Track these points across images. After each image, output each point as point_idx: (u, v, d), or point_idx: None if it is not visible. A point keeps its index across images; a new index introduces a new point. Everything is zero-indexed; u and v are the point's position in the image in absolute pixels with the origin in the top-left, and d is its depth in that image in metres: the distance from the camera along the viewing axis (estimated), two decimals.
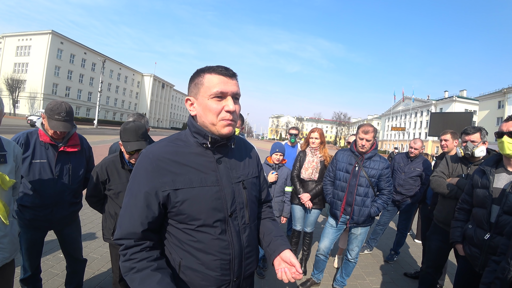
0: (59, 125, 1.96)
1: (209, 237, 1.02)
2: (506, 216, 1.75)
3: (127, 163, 2.10)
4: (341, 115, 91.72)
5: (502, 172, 1.90)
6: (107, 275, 2.90)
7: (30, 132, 2.04)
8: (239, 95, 1.06)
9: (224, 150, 1.11)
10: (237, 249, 1.07)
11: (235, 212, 1.08)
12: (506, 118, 1.89)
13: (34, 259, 2.16)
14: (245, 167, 1.18)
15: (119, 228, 1.00)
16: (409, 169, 4.05)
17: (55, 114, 1.95)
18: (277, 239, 1.19)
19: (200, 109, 1.04)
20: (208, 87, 1.00)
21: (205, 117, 1.03)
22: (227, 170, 1.09)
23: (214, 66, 1.04)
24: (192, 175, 1.02)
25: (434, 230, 2.78)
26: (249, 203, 1.14)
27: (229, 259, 1.05)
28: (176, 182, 0.99)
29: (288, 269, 1.08)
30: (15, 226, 1.59)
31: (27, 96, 43.65)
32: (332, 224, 2.98)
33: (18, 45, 46.10)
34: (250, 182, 1.18)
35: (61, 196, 2.10)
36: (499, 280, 1.28)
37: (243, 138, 1.30)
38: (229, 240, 1.05)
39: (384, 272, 3.74)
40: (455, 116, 7.25)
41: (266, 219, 1.30)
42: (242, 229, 1.10)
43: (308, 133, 3.49)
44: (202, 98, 1.02)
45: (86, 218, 4.39)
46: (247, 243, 1.12)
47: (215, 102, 1.00)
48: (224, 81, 1.01)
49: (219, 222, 1.03)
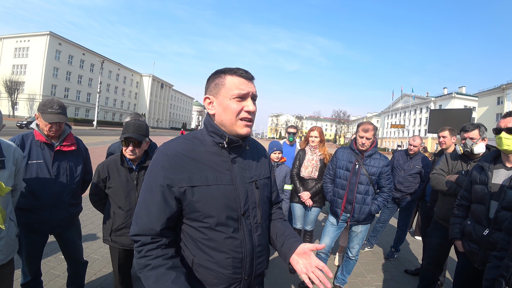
0: (54, 117, 1.98)
1: (222, 236, 1.04)
2: (504, 211, 1.76)
3: (127, 161, 2.13)
4: (340, 113, 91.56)
5: (500, 168, 1.91)
6: (109, 276, 2.91)
7: (25, 134, 2.04)
8: (257, 96, 1.11)
9: (239, 151, 1.14)
10: (249, 247, 1.09)
11: (248, 211, 1.10)
12: (504, 114, 1.89)
13: (34, 264, 2.14)
14: (258, 168, 1.21)
15: (135, 225, 1.01)
16: (409, 167, 4.05)
17: (48, 107, 1.98)
18: (290, 237, 1.20)
19: (220, 108, 1.06)
20: (230, 88, 1.04)
21: (225, 116, 1.05)
22: (241, 170, 1.12)
23: (234, 68, 1.08)
24: (208, 173, 1.04)
25: (434, 226, 2.79)
26: (261, 203, 1.16)
27: (241, 258, 1.07)
28: (192, 179, 1.02)
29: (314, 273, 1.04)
30: (12, 228, 1.58)
31: (26, 98, 43.59)
32: (332, 222, 2.99)
33: (16, 46, 46.04)
34: (262, 182, 1.20)
35: (60, 196, 2.08)
36: (503, 278, 1.28)
37: (255, 140, 1.33)
38: (242, 239, 1.07)
39: (385, 269, 3.76)
40: (455, 112, 7.22)
41: (277, 220, 1.31)
42: (254, 228, 1.12)
43: (307, 131, 3.50)
44: (223, 98, 1.05)
45: (86, 219, 4.40)
46: (259, 242, 1.13)
47: (235, 103, 1.04)
48: (244, 82, 1.05)
49: (232, 221, 1.05)
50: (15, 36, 46.36)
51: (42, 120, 1.99)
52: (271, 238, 1.27)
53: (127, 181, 2.13)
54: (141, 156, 2.17)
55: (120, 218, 2.14)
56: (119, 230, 2.15)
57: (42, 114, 1.97)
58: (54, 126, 2.02)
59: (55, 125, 2.02)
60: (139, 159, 2.18)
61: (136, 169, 2.16)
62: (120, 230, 2.15)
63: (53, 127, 2.02)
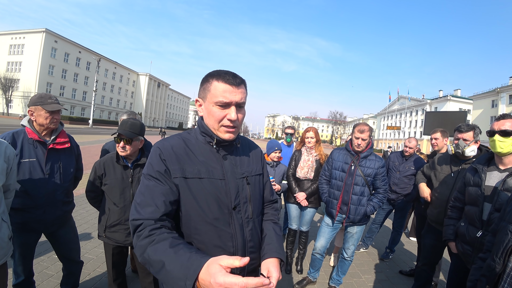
0: (56, 106, 2.01)
1: (213, 229, 1.05)
2: (498, 213, 1.77)
3: (122, 158, 2.15)
4: (337, 114, 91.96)
5: (493, 170, 1.93)
6: (103, 276, 2.89)
7: (16, 131, 1.98)
8: (244, 103, 1.10)
9: (230, 149, 1.17)
10: (240, 242, 1.10)
11: (239, 206, 1.11)
12: (498, 117, 1.92)
13: (27, 263, 2.11)
14: (249, 165, 1.23)
15: (136, 213, 0.98)
16: (404, 168, 4.08)
17: (47, 98, 2.01)
18: (270, 243, 1.19)
19: (206, 112, 1.10)
20: (214, 94, 1.04)
21: (209, 120, 1.09)
22: (232, 166, 1.14)
23: (223, 72, 1.06)
24: (201, 167, 1.07)
25: (428, 228, 2.82)
26: (253, 199, 1.18)
27: (232, 251, 1.07)
28: (185, 171, 1.05)
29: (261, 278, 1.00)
30: (4, 229, 1.54)
31: (21, 96, 43.06)
32: (328, 223, 3.00)
33: (11, 43, 45.47)
34: (254, 178, 1.22)
35: (53, 195, 2.05)
36: (485, 277, 1.29)
37: (248, 139, 1.34)
38: (233, 233, 1.08)
39: (380, 270, 3.78)
40: (450, 115, 7.29)
41: (268, 221, 1.31)
42: (245, 222, 1.13)
43: (303, 132, 3.52)
44: (207, 103, 1.07)
45: (81, 218, 4.36)
46: (250, 237, 1.14)
47: (218, 110, 1.05)
48: (229, 90, 1.03)
49: (223, 215, 1.07)
50: (10, 33, 45.79)
51: (42, 113, 1.96)
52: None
53: (122, 178, 2.15)
54: (136, 154, 2.19)
55: (114, 214, 2.15)
56: (113, 227, 2.16)
57: (43, 105, 1.95)
58: (55, 116, 2.02)
59: (57, 114, 2.02)
60: (134, 157, 2.18)
61: (132, 167, 2.17)
62: (114, 227, 2.16)
63: (54, 117, 2.01)
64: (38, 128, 2.02)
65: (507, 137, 1.80)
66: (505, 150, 1.82)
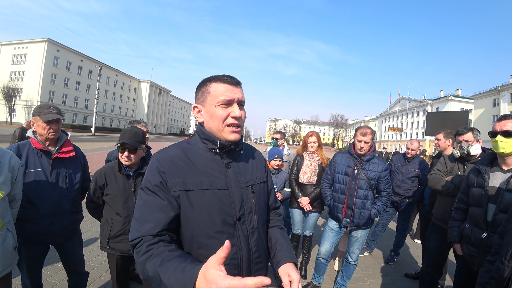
0: (53, 115, 1.98)
1: (217, 242, 1.00)
2: (502, 214, 1.77)
3: (124, 167, 2.13)
4: (338, 117, 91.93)
5: (497, 171, 1.93)
6: (107, 285, 2.88)
7: (21, 143, 2.00)
8: (244, 101, 1.11)
9: (233, 156, 1.14)
10: (245, 253, 1.07)
11: (244, 216, 1.08)
12: (499, 118, 1.92)
13: (35, 276, 2.09)
14: (253, 172, 1.19)
15: (135, 232, 0.95)
16: (407, 170, 4.06)
17: (45, 108, 2.00)
18: (282, 249, 1.18)
19: (208, 116, 1.08)
20: (215, 95, 1.05)
21: (212, 123, 1.07)
22: (235, 174, 1.11)
23: (219, 75, 1.09)
24: (202, 178, 1.04)
25: (432, 229, 2.80)
26: (258, 208, 1.14)
27: (237, 264, 1.04)
28: (187, 183, 1.01)
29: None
30: (9, 239, 1.54)
31: (24, 105, 43.41)
32: (332, 228, 2.98)
33: (14, 53, 46.05)
34: (258, 186, 1.19)
35: (60, 205, 2.04)
36: (494, 280, 1.28)
37: (250, 145, 1.33)
38: (237, 244, 1.05)
39: (385, 274, 3.74)
40: (451, 115, 7.25)
41: (274, 227, 1.29)
42: (250, 233, 1.10)
43: (304, 137, 3.52)
44: (209, 106, 1.07)
45: (84, 226, 4.36)
46: (256, 247, 1.11)
47: (221, 109, 1.05)
48: (229, 89, 1.06)
49: (227, 226, 1.04)
50: (13, 43, 46.40)
51: (40, 124, 1.97)
52: (268, 245, 1.25)
53: (125, 188, 2.13)
54: (138, 163, 2.18)
55: (118, 224, 2.13)
56: (117, 237, 2.14)
57: (40, 115, 1.96)
58: (53, 126, 2.00)
59: (54, 124, 2.00)
60: (136, 166, 2.18)
61: (134, 176, 2.16)
62: (118, 237, 2.14)
63: (51, 127, 1.99)
64: (41, 138, 2.04)
65: (509, 138, 1.80)
66: (508, 150, 1.82)
